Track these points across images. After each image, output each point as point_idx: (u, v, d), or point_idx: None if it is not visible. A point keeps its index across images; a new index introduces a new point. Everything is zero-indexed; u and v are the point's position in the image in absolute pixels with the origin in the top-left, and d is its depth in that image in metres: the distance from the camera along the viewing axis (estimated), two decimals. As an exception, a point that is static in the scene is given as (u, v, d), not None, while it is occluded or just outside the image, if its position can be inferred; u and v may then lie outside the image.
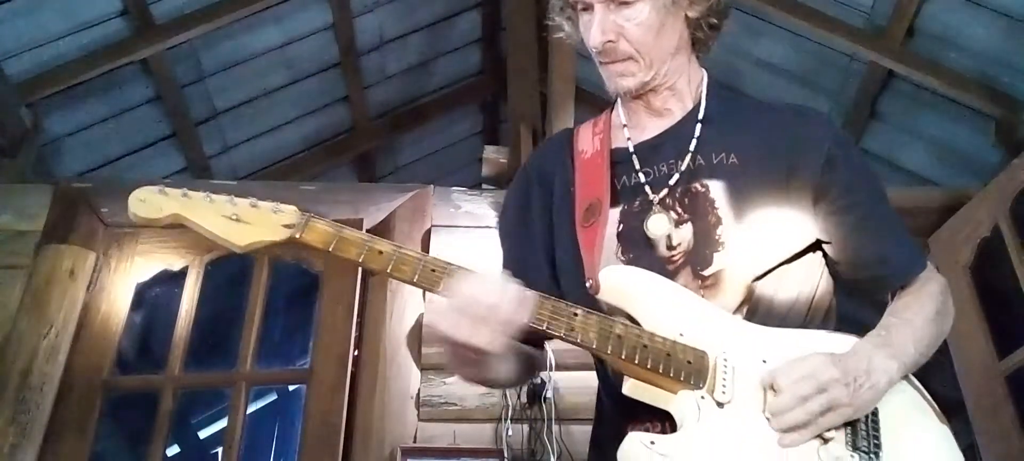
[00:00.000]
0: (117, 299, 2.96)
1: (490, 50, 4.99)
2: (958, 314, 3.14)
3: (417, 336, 2.88)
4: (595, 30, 1.27)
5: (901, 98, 3.86)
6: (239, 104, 4.22)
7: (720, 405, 1.09)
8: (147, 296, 3.28)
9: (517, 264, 1.31)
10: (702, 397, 1.10)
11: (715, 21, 1.35)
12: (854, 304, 1.36)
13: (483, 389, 2.83)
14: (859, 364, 1.12)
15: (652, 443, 1.07)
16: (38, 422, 2.67)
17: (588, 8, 1.29)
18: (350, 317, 2.87)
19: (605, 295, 1.19)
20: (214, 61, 3.96)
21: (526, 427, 2.73)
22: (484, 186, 3.50)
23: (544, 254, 1.34)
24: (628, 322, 1.15)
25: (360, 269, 3.01)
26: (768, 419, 1.09)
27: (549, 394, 2.73)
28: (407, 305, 2.93)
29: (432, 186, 3.18)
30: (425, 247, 3.02)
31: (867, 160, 1.34)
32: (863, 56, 3.77)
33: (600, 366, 1.29)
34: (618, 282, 1.19)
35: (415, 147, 5.28)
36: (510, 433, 2.74)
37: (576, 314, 1.13)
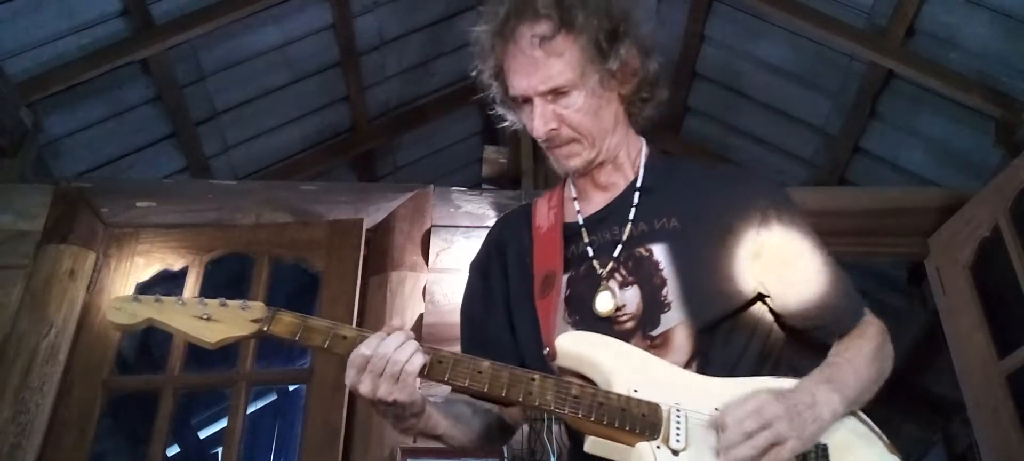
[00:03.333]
0: (117, 299, 2.95)
1: (490, 50, 4.99)
2: (958, 314, 3.15)
3: (417, 336, 2.87)
4: (538, 122, 1.36)
5: (901, 98, 3.86)
6: (239, 104, 4.22)
7: (675, 452, 1.17)
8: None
9: (481, 334, 1.43)
10: (658, 446, 1.18)
11: (646, 94, 1.45)
12: (797, 350, 1.43)
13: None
14: (803, 398, 1.19)
15: None
16: (38, 422, 2.67)
17: (528, 101, 1.38)
18: (350, 317, 2.87)
19: (562, 360, 1.28)
20: (214, 61, 3.95)
21: (526, 427, 2.73)
22: (484, 186, 3.50)
23: (505, 323, 1.44)
24: (584, 383, 1.24)
25: (360, 270, 3.04)
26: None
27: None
28: (407, 305, 2.93)
29: (432, 186, 3.18)
30: (425, 247, 3.02)
31: (802, 215, 1.41)
32: (863, 56, 3.77)
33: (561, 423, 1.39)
34: (573, 348, 1.28)
35: (415, 147, 5.28)
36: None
37: (533, 379, 1.22)
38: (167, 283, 3.16)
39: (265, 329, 1.27)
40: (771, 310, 1.37)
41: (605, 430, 1.20)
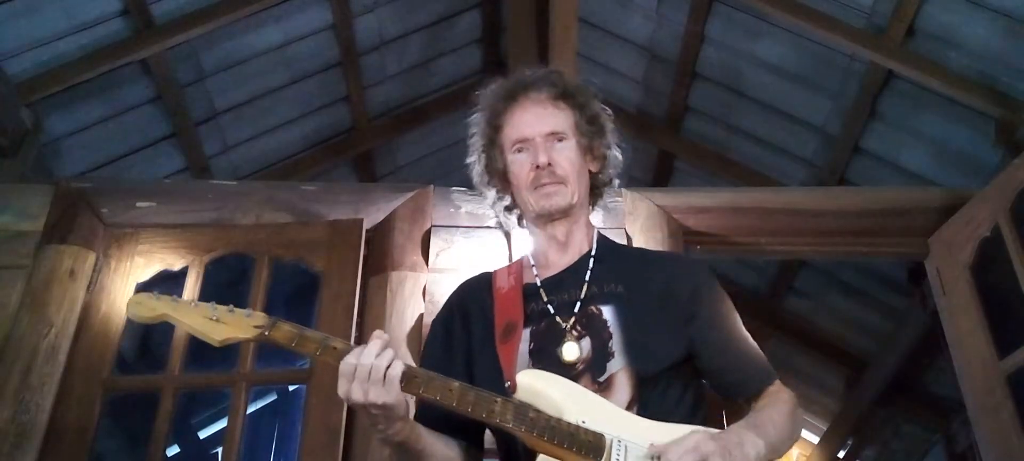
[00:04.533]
0: (117, 299, 2.95)
1: (490, 50, 4.99)
2: (958, 314, 3.16)
3: (417, 336, 2.87)
4: (541, 154, 1.66)
5: (901, 98, 3.87)
6: (239, 104, 4.22)
7: None
8: (147, 296, 3.27)
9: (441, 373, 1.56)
10: None
11: (606, 179, 1.80)
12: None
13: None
14: (733, 438, 1.39)
15: None
16: (38, 422, 2.67)
17: (528, 143, 1.69)
18: (350, 317, 2.87)
19: (521, 393, 1.45)
20: (214, 61, 3.96)
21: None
22: (484, 186, 3.49)
23: (463, 368, 1.62)
24: (538, 410, 1.41)
25: (360, 270, 3.04)
26: None
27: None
28: (407, 305, 2.93)
29: (432, 186, 3.18)
30: (425, 247, 3.02)
31: (725, 293, 1.68)
32: (863, 56, 3.77)
33: (509, 450, 1.55)
34: (533, 383, 1.46)
35: (415, 147, 5.28)
36: None
37: (496, 401, 1.41)
38: (167, 283, 3.16)
39: (266, 334, 1.43)
40: (698, 367, 1.60)
41: (555, 450, 1.38)
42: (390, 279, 2.96)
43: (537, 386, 1.45)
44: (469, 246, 3.00)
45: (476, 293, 1.74)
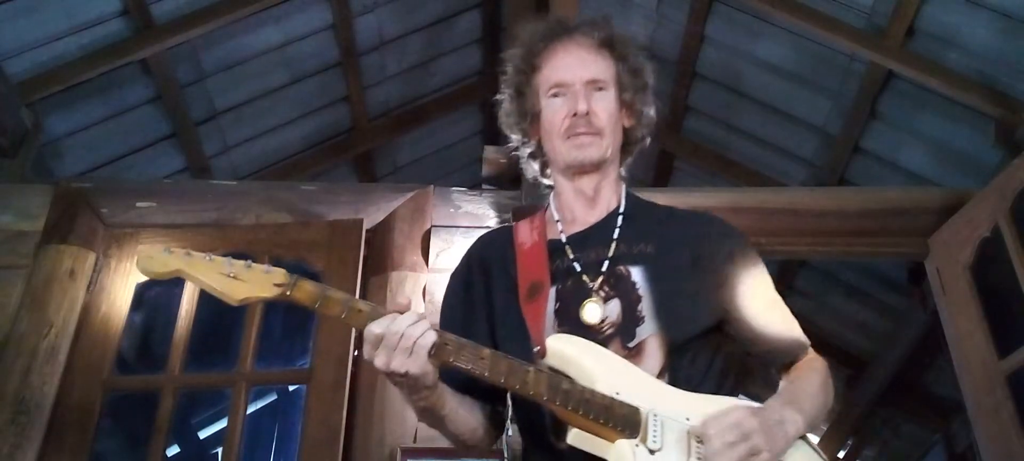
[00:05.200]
0: (117, 299, 2.95)
1: (490, 50, 4.99)
2: (958, 314, 3.15)
3: (417, 336, 2.88)
4: (581, 101, 1.53)
5: (901, 98, 3.86)
6: (239, 104, 4.22)
7: (652, 452, 1.30)
8: (147, 296, 3.28)
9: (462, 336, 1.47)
10: (636, 445, 1.30)
11: (642, 134, 1.66)
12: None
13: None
14: (773, 415, 1.34)
15: None
16: (38, 422, 2.67)
17: (567, 88, 1.56)
18: (350, 317, 2.87)
19: (550, 359, 1.38)
20: (214, 61, 3.95)
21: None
22: (484, 186, 3.49)
23: (485, 331, 1.54)
24: (571, 380, 1.34)
25: (360, 270, 3.04)
26: None
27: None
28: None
29: (432, 186, 3.18)
30: (425, 247, 3.02)
31: (759, 257, 1.59)
32: (863, 56, 3.77)
33: (530, 425, 1.50)
34: (563, 348, 1.39)
35: (415, 147, 5.28)
36: (510, 433, 2.73)
37: (528, 371, 1.33)
38: (167, 283, 3.15)
39: (288, 293, 1.32)
40: (729, 336, 1.54)
41: (589, 424, 1.31)
42: (390, 279, 2.97)
43: (568, 352, 1.38)
44: (469, 246, 3.00)
45: (497, 247, 1.64)
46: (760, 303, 1.53)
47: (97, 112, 3.74)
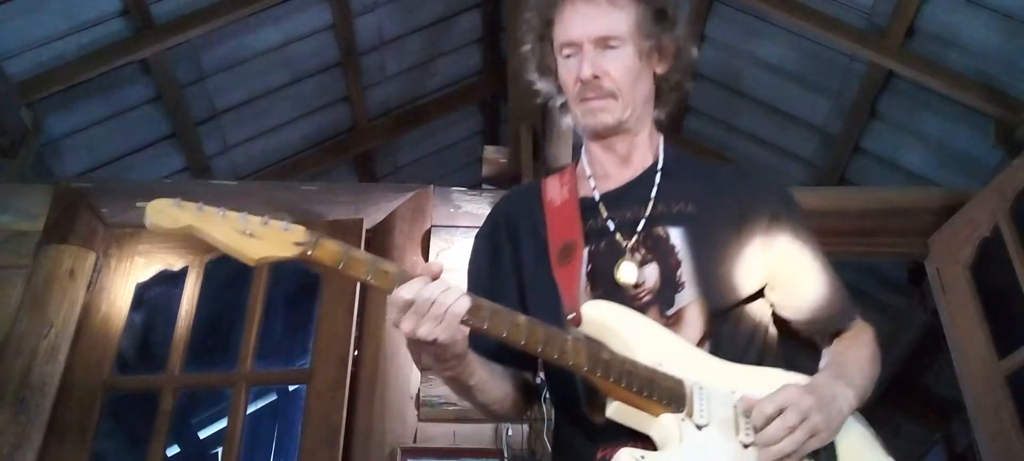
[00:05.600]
0: (117, 299, 2.96)
1: (490, 50, 4.99)
2: (958, 314, 3.15)
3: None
4: (586, 66, 1.40)
5: (901, 98, 3.87)
6: (239, 104, 4.22)
7: (699, 428, 1.21)
8: (147, 296, 3.28)
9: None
10: (682, 420, 1.21)
11: (678, 78, 1.51)
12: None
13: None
14: (826, 392, 1.23)
15: (643, 458, 1.19)
16: (38, 422, 2.67)
17: (577, 48, 1.43)
18: (350, 317, 2.87)
19: (586, 327, 1.29)
20: (214, 61, 3.95)
21: (526, 427, 2.73)
22: (484, 186, 3.50)
23: (514, 294, 1.44)
24: (611, 350, 1.24)
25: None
26: (743, 443, 1.20)
27: (549, 394, 2.73)
28: (407, 305, 2.93)
29: (432, 186, 3.18)
30: (425, 247, 3.02)
31: (806, 218, 1.47)
32: (863, 56, 3.77)
33: (562, 397, 1.40)
34: (600, 316, 1.29)
35: (415, 147, 5.28)
36: (510, 433, 2.74)
37: (567, 339, 1.22)
38: (167, 283, 3.16)
39: (308, 253, 1.21)
40: (772, 303, 1.43)
41: (631, 397, 1.22)
42: (390, 279, 2.96)
43: (605, 319, 1.28)
44: (469, 246, 2.99)
45: (525, 205, 1.53)
46: (805, 268, 1.43)
47: (97, 112, 3.74)
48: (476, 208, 3.14)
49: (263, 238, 1.21)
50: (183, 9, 3.62)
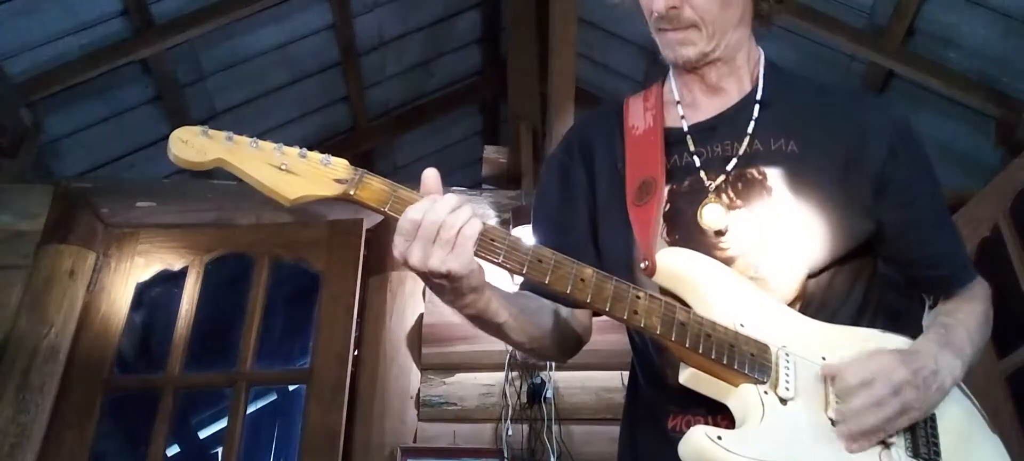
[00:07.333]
0: (117, 299, 2.96)
1: (490, 50, 5.00)
2: (958, 314, 3.11)
3: (417, 336, 2.88)
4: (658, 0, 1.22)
5: (901, 98, 3.86)
6: (239, 104, 4.22)
7: (784, 402, 1.05)
8: (147, 296, 3.28)
9: (558, 243, 1.16)
10: (765, 392, 1.06)
11: None
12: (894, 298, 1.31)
13: (482, 389, 2.83)
14: (927, 363, 1.08)
15: (719, 438, 1.02)
16: (38, 422, 2.67)
17: None
18: (350, 317, 2.87)
19: (660, 278, 1.13)
20: (214, 61, 3.96)
21: (526, 427, 2.73)
22: (484, 186, 3.50)
23: (588, 233, 1.28)
24: (687, 308, 1.09)
25: (360, 270, 3.04)
26: (832, 419, 1.05)
27: (549, 394, 2.73)
28: (407, 305, 2.93)
29: (432, 186, 3.18)
30: (425, 247, 3.02)
31: (926, 151, 1.26)
32: (863, 56, 3.77)
33: (642, 348, 1.24)
34: (677, 266, 1.13)
35: (415, 147, 5.28)
36: (510, 433, 2.74)
37: (639, 296, 1.07)
38: (167, 283, 3.16)
39: (352, 193, 1.06)
40: (881, 254, 1.24)
41: (709, 364, 1.07)
42: (390, 279, 2.97)
43: (682, 270, 1.12)
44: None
45: (603, 131, 1.34)
46: (922, 218, 1.22)
47: (97, 112, 3.74)
48: (476, 208, 3.13)
49: (301, 174, 1.08)
50: (183, 9, 3.62)
